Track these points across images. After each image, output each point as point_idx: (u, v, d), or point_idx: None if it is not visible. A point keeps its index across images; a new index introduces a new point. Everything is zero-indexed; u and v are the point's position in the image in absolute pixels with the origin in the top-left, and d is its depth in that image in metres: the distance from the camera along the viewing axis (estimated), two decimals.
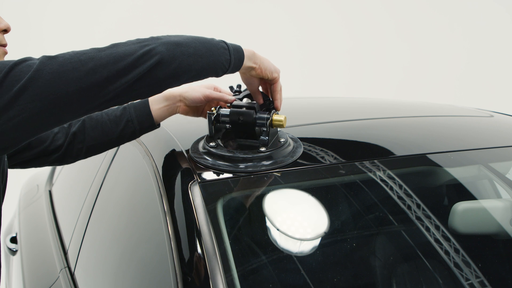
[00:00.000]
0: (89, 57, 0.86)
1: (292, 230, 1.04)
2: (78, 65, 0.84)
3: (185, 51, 0.94)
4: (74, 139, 1.17)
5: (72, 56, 0.85)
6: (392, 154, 1.21)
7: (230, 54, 1.01)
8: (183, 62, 0.93)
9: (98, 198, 1.46)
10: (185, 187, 1.03)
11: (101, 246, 1.32)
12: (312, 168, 1.11)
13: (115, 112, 1.18)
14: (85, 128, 1.17)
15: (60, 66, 0.83)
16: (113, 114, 1.18)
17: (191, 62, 0.95)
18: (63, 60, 0.84)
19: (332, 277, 1.04)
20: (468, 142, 1.33)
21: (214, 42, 1.00)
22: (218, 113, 1.12)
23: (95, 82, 0.85)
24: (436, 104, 1.89)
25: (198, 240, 0.93)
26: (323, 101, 2.04)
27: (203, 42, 0.98)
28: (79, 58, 0.85)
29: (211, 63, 0.98)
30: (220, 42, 1.01)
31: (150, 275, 1.01)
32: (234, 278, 0.89)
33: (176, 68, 0.93)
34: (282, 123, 1.09)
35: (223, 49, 1.00)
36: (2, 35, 0.99)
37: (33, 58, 0.85)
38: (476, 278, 1.04)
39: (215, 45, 0.99)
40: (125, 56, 0.88)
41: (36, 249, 1.77)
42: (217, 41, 1.01)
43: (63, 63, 0.84)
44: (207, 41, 0.99)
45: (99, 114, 1.18)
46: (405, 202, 1.14)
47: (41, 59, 0.84)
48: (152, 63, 0.90)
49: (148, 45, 0.91)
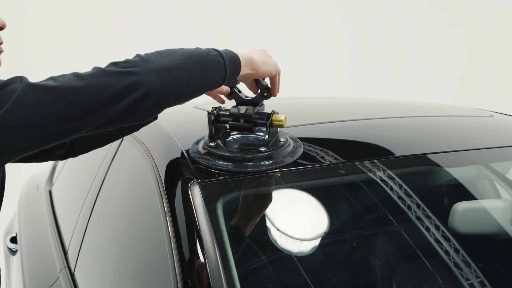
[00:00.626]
0: (70, 86, 0.80)
1: (292, 230, 1.05)
2: (58, 95, 0.79)
3: (176, 76, 0.89)
4: None
5: (51, 85, 0.80)
6: (392, 154, 1.21)
7: (226, 69, 0.97)
8: (174, 88, 0.89)
9: (98, 198, 1.46)
10: (185, 187, 1.03)
11: (101, 246, 1.32)
12: (312, 168, 1.11)
13: None
14: None
15: (39, 96, 0.78)
16: None
17: (182, 86, 0.90)
18: (42, 89, 0.79)
19: (332, 277, 1.04)
20: (468, 142, 1.33)
21: (209, 57, 0.95)
22: (218, 113, 1.12)
23: (74, 115, 0.81)
24: (436, 104, 1.89)
25: (198, 240, 0.93)
26: (323, 101, 2.04)
27: (196, 61, 0.93)
28: (59, 88, 0.80)
29: (203, 84, 0.94)
30: (216, 56, 0.96)
31: (150, 275, 1.01)
32: (234, 278, 0.89)
33: (166, 96, 0.88)
34: (282, 123, 1.09)
35: (218, 64, 0.96)
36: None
37: (17, 80, 0.80)
38: (476, 278, 1.04)
39: (209, 62, 0.94)
40: (108, 87, 0.82)
41: (36, 249, 1.77)
42: (212, 55, 0.96)
43: (41, 94, 0.79)
44: (201, 58, 0.94)
45: None
46: (405, 202, 1.14)
47: (22, 87, 0.78)
48: (139, 95, 0.84)
49: (134, 74, 0.84)
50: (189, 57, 0.92)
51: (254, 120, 1.09)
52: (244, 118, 1.10)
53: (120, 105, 0.84)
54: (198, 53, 0.94)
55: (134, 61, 0.87)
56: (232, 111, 1.10)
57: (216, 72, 0.95)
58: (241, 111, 1.09)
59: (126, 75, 0.84)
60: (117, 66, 0.86)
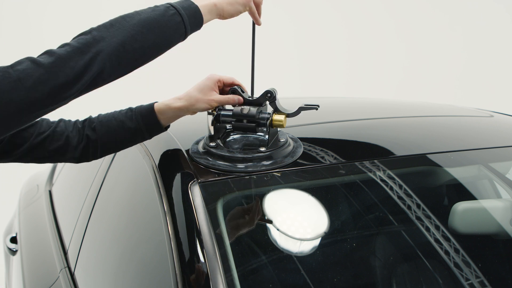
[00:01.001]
0: (27, 74, 0.82)
1: (292, 230, 1.04)
2: (17, 84, 0.81)
3: (130, 48, 0.91)
4: (88, 143, 1.15)
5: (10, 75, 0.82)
6: (392, 154, 1.21)
7: (185, 25, 0.97)
8: (129, 59, 0.91)
9: (98, 198, 1.46)
10: (185, 187, 1.03)
11: (101, 246, 1.32)
12: (312, 168, 1.11)
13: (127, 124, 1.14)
14: (97, 135, 1.14)
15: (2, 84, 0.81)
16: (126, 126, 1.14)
17: (138, 56, 0.92)
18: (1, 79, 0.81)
19: (332, 277, 1.04)
20: (468, 142, 1.33)
21: (165, 19, 0.95)
22: (218, 113, 1.12)
23: (35, 100, 0.83)
24: (436, 104, 1.89)
25: (198, 240, 0.93)
26: (323, 101, 2.03)
27: (151, 27, 0.93)
28: (18, 76, 0.82)
29: (162, 46, 0.95)
30: (173, 15, 0.95)
31: (150, 275, 1.01)
32: (234, 278, 0.89)
33: (123, 68, 0.91)
34: (282, 123, 1.09)
35: (176, 24, 0.96)
36: None
37: None
38: (476, 278, 1.04)
39: (165, 23, 0.94)
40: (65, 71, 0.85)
41: (36, 249, 1.77)
42: (168, 15, 0.95)
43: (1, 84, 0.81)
44: (156, 23, 0.94)
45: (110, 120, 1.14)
46: (405, 202, 1.14)
47: None
48: (94, 74, 0.88)
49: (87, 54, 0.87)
50: (143, 25, 0.93)
51: (257, 120, 1.09)
52: (247, 119, 1.09)
53: (79, 85, 0.87)
54: (153, 17, 0.94)
55: (86, 40, 0.89)
56: (235, 111, 1.10)
57: (175, 32, 0.96)
58: (244, 111, 1.09)
59: (80, 56, 0.87)
60: (70, 47, 0.88)
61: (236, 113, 1.10)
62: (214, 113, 1.11)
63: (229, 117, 1.11)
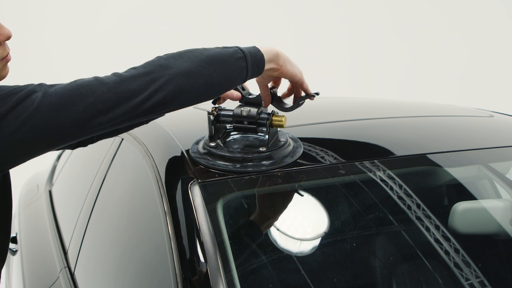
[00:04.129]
0: (90, 89, 0.83)
1: (292, 230, 1.05)
2: (78, 98, 0.82)
3: (194, 83, 0.89)
4: None
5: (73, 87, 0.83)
6: (392, 154, 1.21)
7: (248, 69, 0.95)
8: (192, 93, 0.90)
9: (98, 198, 1.46)
10: (185, 187, 1.03)
11: (101, 246, 1.32)
12: (312, 168, 1.11)
13: None
14: None
15: (58, 99, 0.81)
16: None
17: (200, 92, 0.91)
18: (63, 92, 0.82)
19: (332, 277, 1.04)
20: (468, 142, 1.33)
21: (231, 61, 0.93)
22: (219, 113, 1.12)
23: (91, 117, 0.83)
24: (436, 104, 1.89)
25: (198, 240, 0.93)
26: (323, 101, 2.03)
27: (217, 66, 0.91)
28: (80, 91, 0.82)
29: (223, 88, 0.94)
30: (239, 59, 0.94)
31: (150, 275, 1.01)
32: (234, 278, 0.89)
33: (183, 101, 0.90)
34: (282, 123, 1.09)
35: (240, 68, 0.94)
36: (5, 44, 0.95)
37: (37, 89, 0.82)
38: (476, 278, 1.04)
39: (231, 66, 0.93)
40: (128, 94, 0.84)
41: (36, 249, 1.77)
42: (234, 58, 0.94)
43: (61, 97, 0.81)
44: (223, 63, 0.92)
45: None
46: (405, 202, 1.14)
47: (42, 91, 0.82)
48: (156, 101, 0.86)
49: (152, 81, 0.86)
50: (210, 62, 0.91)
51: (257, 121, 1.09)
52: (247, 120, 1.09)
53: (137, 111, 0.86)
54: (220, 56, 0.93)
55: (154, 67, 0.88)
56: (235, 112, 1.10)
57: (238, 75, 0.95)
58: (244, 113, 1.09)
59: (144, 82, 0.86)
60: (136, 70, 0.87)
61: (236, 114, 1.10)
62: (214, 113, 1.11)
63: (229, 118, 1.11)
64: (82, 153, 2.03)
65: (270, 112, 1.10)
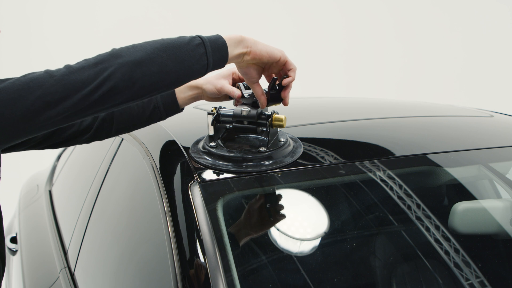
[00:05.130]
0: (38, 82, 0.82)
1: (292, 230, 1.05)
2: (26, 92, 0.81)
3: (146, 70, 0.87)
4: (103, 123, 1.16)
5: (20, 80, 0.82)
6: (392, 154, 1.21)
7: (208, 57, 0.93)
8: (145, 83, 0.88)
9: (98, 198, 1.46)
10: (185, 187, 1.03)
11: (101, 246, 1.32)
12: (312, 168, 1.11)
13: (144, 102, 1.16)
14: (113, 113, 1.16)
15: (7, 93, 0.81)
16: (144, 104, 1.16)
17: (155, 80, 0.89)
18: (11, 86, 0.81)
19: (332, 277, 1.04)
20: (468, 142, 1.33)
21: (188, 48, 0.91)
22: (219, 113, 1.12)
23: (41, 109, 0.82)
24: (436, 104, 1.89)
25: (198, 240, 0.93)
26: (323, 101, 2.04)
27: (172, 53, 0.89)
28: (28, 85, 0.82)
29: (181, 76, 0.92)
30: (197, 46, 0.92)
31: (150, 275, 1.01)
32: (234, 278, 0.89)
33: (138, 89, 0.88)
34: (282, 123, 1.09)
35: (199, 55, 0.92)
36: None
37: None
38: (476, 278, 1.04)
39: (187, 52, 0.91)
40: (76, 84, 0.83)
41: (36, 249, 1.77)
42: (192, 45, 0.91)
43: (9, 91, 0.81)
44: (178, 50, 0.90)
45: None
46: (405, 202, 1.14)
47: None
48: (104, 91, 0.85)
49: (101, 70, 0.85)
50: (164, 50, 0.89)
51: (257, 121, 1.09)
52: (247, 120, 1.09)
53: (87, 102, 0.85)
54: (175, 44, 0.91)
55: (104, 57, 0.87)
56: (235, 112, 1.10)
57: (195, 63, 0.92)
58: (244, 113, 1.09)
59: (93, 72, 0.85)
60: (86, 61, 0.87)
61: (236, 114, 1.10)
62: (214, 113, 1.11)
63: (229, 118, 1.11)
64: (82, 153, 2.04)
65: (270, 112, 1.10)
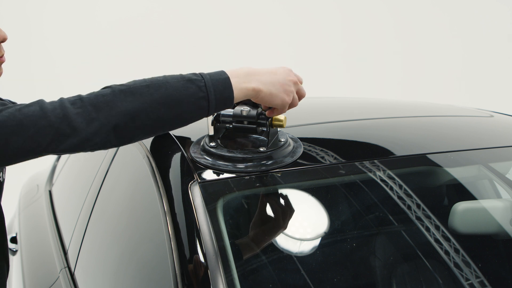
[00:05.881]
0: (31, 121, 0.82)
1: (292, 230, 1.04)
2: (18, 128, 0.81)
3: (140, 124, 0.88)
4: None
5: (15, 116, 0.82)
6: (392, 154, 1.21)
7: (210, 108, 0.93)
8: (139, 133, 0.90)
9: (98, 198, 1.46)
10: (185, 187, 1.03)
11: (101, 246, 1.32)
12: (312, 168, 1.11)
13: None
14: None
15: None
16: None
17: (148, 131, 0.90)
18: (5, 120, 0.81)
19: (332, 277, 1.04)
20: (468, 142, 1.33)
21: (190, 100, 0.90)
22: (218, 113, 1.12)
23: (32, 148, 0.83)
24: (436, 104, 1.89)
25: (198, 240, 0.93)
26: (323, 101, 2.04)
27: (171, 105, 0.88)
28: (22, 122, 0.81)
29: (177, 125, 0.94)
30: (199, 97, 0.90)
31: (150, 275, 1.01)
32: (234, 278, 0.89)
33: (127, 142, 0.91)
34: (282, 123, 1.09)
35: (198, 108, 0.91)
36: (0, 46, 0.95)
37: None
38: (476, 278, 1.04)
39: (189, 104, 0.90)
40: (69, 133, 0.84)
41: (36, 249, 1.77)
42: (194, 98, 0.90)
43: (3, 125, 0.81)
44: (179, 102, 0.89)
45: None
46: (405, 202, 1.14)
47: None
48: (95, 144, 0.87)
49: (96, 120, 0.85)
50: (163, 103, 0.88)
51: (257, 121, 1.09)
52: (247, 120, 1.09)
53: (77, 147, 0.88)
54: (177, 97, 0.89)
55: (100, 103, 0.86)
56: (235, 112, 1.10)
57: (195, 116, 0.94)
58: (244, 113, 1.09)
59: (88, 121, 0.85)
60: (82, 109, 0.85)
61: (236, 114, 1.10)
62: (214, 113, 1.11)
63: (229, 118, 1.11)
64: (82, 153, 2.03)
65: None
